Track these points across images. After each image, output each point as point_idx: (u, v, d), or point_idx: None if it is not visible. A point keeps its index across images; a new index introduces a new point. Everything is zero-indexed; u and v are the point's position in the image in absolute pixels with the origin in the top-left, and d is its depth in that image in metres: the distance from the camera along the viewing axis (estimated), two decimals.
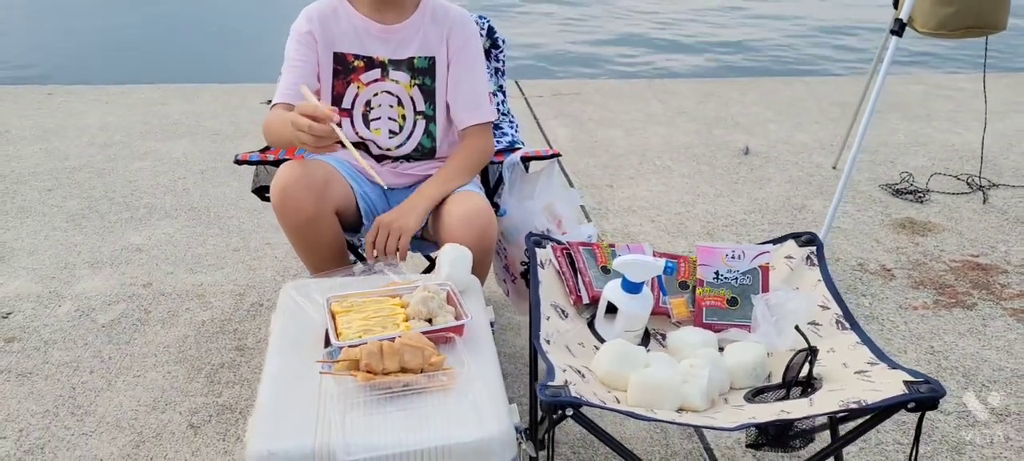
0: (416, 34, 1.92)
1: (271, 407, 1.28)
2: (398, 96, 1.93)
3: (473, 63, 1.97)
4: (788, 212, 3.09)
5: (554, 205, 2.03)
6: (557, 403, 1.25)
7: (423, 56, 1.93)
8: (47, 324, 2.33)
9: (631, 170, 3.47)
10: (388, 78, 1.92)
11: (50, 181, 3.27)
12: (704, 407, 1.42)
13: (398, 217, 1.80)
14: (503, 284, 2.17)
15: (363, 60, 1.91)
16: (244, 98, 4.33)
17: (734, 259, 1.68)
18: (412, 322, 1.44)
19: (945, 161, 3.59)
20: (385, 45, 1.91)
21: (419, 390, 1.30)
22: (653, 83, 4.87)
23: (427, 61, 1.93)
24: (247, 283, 2.55)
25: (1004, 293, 2.54)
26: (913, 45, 5.98)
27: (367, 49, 1.91)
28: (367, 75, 1.91)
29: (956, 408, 2.02)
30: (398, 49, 1.92)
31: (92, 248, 2.76)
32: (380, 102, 1.94)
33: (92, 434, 1.91)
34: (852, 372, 1.42)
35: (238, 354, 2.20)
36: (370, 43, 1.91)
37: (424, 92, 1.95)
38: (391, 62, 1.92)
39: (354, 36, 1.90)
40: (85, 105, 4.19)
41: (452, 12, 1.96)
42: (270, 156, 2.06)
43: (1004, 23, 2.66)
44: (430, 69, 1.94)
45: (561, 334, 1.57)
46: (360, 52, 1.91)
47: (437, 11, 1.95)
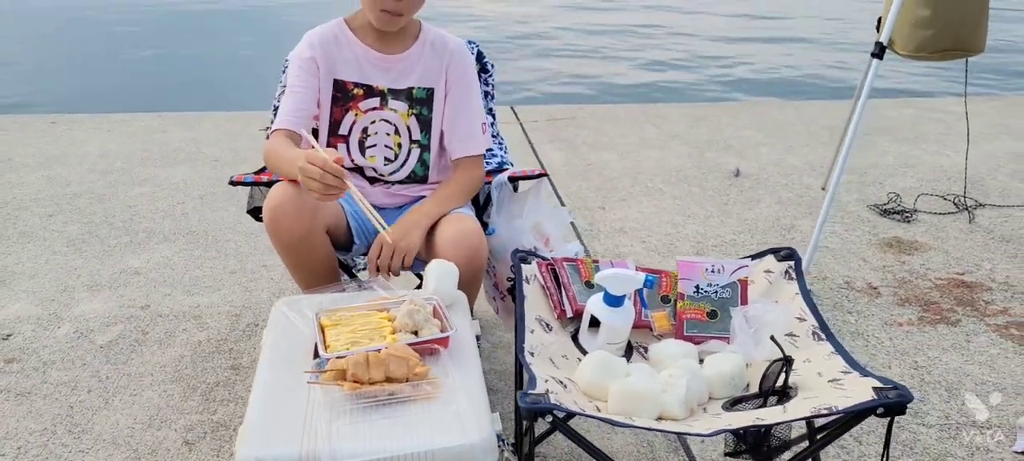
0: (416, 65, 1.98)
1: (260, 417, 1.32)
2: (395, 125, 1.99)
3: (469, 95, 2.03)
4: (777, 232, 3.14)
5: (542, 224, 2.08)
6: (537, 410, 1.29)
7: (422, 87, 1.99)
8: (46, 345, 2.37)
9: (623, 192, 3.53)
10: (387, 107, 1.98)
11: (52, 207, 3.33)
12: (683, 415, 1.46)
13: (402, 236, 1.85)
14: (493, 302, 2.21)
15: (363, 88, 1.96)
16: (244, 126, 4.40)
17: (714, 273, 1.72)
18: (398, 335, 1.49)
19: (933, 182, 3.64)
20: (385, 75, 1.97)
21: (404, 399, 1.34)
22: (647, 108, 4.94)
23: (426, 92, 1.99)
24: (243, 304, 2.60)
25: (988, 310, 2.58)
26: (913, 70, 6.05)
27: (367, 78, 1.96)
28: (366, 103, 1.97)
29: (938, 421, 2.05)
30: (398, 79, 1.98)
31: (91, 271, 2.81)
32: (377, 130, 1.99)
33: (89, 452, 1.94)
34: (826, 380, 1.46)
35: (233, 373, 2.24)
36: (371, 72, 1.96)
37: (421, 121, 2.00)
38: (390, 91, 1.97)
39: (355, 64, 1.96)
40: (87, 133, 4.26)
41: (451, 43, 2.02)
42: (264, 178, 2.11)
43: (982, 46, 2.73)
44: (428, 99, 2.00)
45: (545, 347, 1.61)
46: (360, 80, 1.96)
47: (436, 42, 2.01)
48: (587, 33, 8.64)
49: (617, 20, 9.35)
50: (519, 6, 10.14)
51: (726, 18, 9.44)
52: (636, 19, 9.32)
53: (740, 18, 9.41)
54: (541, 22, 9.16)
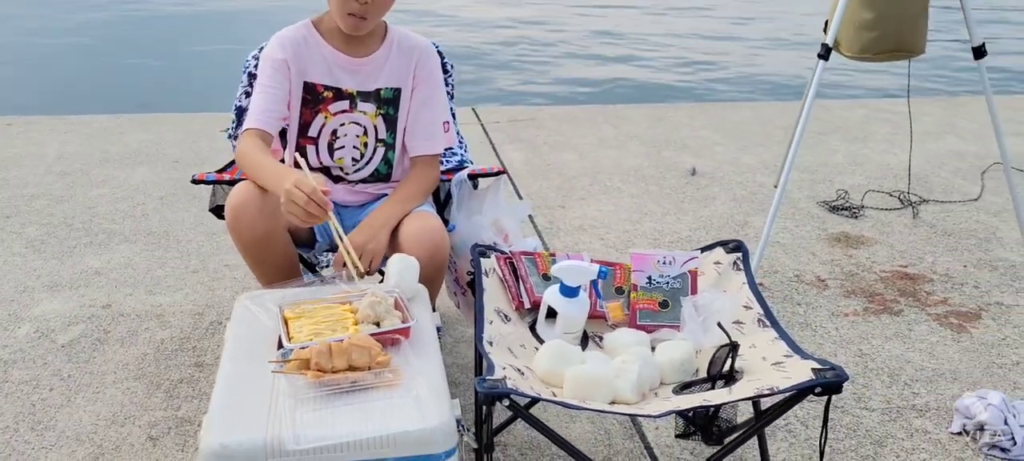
0: (384, 66, 2.02)
1: (224, 405, 1.36)
2: (364, 126, 2.03)
3: (434, 94, 2.08)
4: (731, 229, 3.23)
5: (501, 220, 2.14)
6: (494, 394, 1.35)
7: (390, 87, 2.03)
8: (6, 345, 2.37)
9: (582, 191, 3.60)
10: (356, 110, 2.01)
11: (9, 209, 3.30)
12: (635, 399, 1.53)
13: (369, 240, 1.88)
14: (454, 297, 2.26)
15: (332, 91, 2.00)
16: (204, 126, 4.39)
17: (665, 265, 1.79)
18: (361, 326, 1.53)
19: (880, 179, 3.77)
20: (354, 77, 2.01)
21: (366, 387, 1.39)
22: (606, 109, 5.02)
23: (393, 92, 2.03)
24: (206, 303, 2.62)
25: (929, 300, 2.69)
26: (869, 72, 6.23)
27: (337, 80, 2.00)
28: (335, 106, 2.00)
29: (880, 406, 2.15)
30: (366, 81, 2.01)
31: (51, 272, 2.80)
32: (347, 132, 2.03)
33: (52, 448, 1.95)
34: (770, 364, 1.53)
35: (197, 370, 2.26)
36: (339, 75, 2.00)
37: (387, 121, 2.05)
38: (359, 94, 2.01)
39: (324, 67, 1.99)
40: (43, 135, 4.22)
41: (417, 42, 2.07)
42: (226, 177, 2.14)
43: (922, 48, 2.84)
44: (395, 99, 2.04)
45: (503, 337, 1.67)
46: (330, 83, 1.99)
47: (403, 42, 2.05)
48: (549, 35, 8.72)
49: (580, 23, 9.46)
50: (483, 9, 10.21)
51: (687, 20, 9.60)
52: (598, 23, 9.44)
53: (701, 20, 9.58)
54: (504, 25, 9.23)
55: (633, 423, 2.06)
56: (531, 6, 10.45)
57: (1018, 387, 2.23)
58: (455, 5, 10.39)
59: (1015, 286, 2.79)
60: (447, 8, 10.13)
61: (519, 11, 10.11)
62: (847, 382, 2.18)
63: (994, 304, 2.67)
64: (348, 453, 1.28)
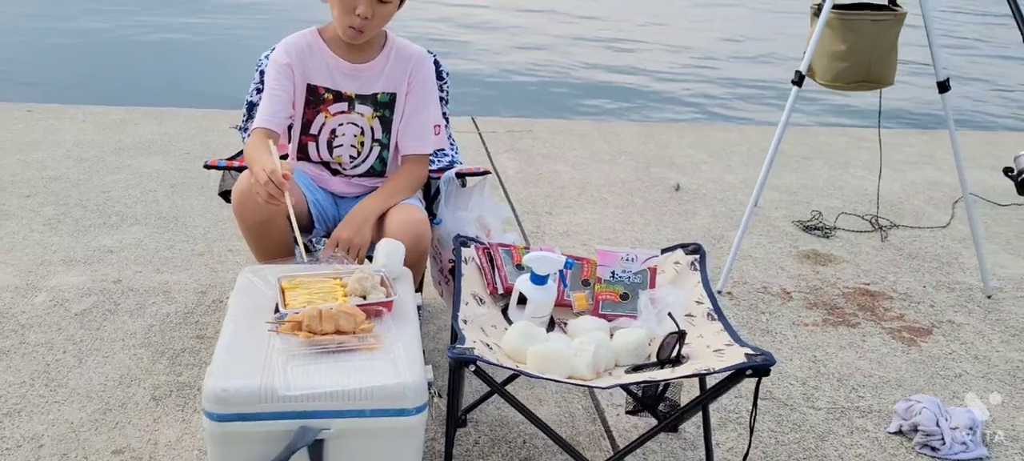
0: (381, 73, 2.21)
1: (226, 357, 1.54)
2: (361, 127, 2.22)
3: (427, 99, 2.27)
4: (707, 241, 3.42)
5: (485, 217, 2.33)
6: (462, 359, 1.54)
7: (386, 92, 2.22)
8: (24, 311, 2.56)
9: (570, 200, 3.79)
10: (354, 111, 2.21)
11: (28, 189, 3.50)
12: (590, 376, 1.71)
13: (354, 235, 2.07)
14: (438, 286, 2.45)
15: (333, 93, 2.19)
16: (214, 122, 4.59)
17: (628, 261, 1.98)
18: (349, 298, 1.72)
19: (856, 204, 3.95)
20: (354, 81, 2.20)
21: (351, 348, 1.57)
22: (601, 124, 5.22)
23: (389, 96, 2.23)
24: (209, 283, 2.81)
25: (886, 315, 2.87)
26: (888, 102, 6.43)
27: (337, 84, 2.19)
28: (335, 107, 2.20)
29: (826, 405, 2.33)
30: (365, 85, 2.21)
31: (67, 248, 2.99)
32: (345, 132, 2.22)
33: (64, 403, 2.14)
34: (712, 350, 1.72)
35: (198, 341, 2.45)
36: (340, 79, 2.19)
37: (383, 123, 2.24)
38: (358, 97, 2.21)
39: (326, 71, 2.19)
40: (62, 123, 4.42)
41: (413, 51, 2.26)
42: (236, 164, 2.33)
43: (891, 79, 3.03)
44: (391, 103, 2.23)
45: (477, 317, 1.85)
46: (331, 86, 2.19)
47: (401, 51, 2.25)
48: (552, 49, 8.94)
49: (584, 33, 9.68)
50: (489, 17, 10.44)
51: (688, 41, 9.82)
52: (603, 35, 9.66)
53: (703, 41, 9.80)
54: (507, 37, 9.46)
55: (596, 408, 2.24)
56: (537, 26, 10.69)
57: (956, 396, 2.41)
58: (465, 20, 10.63)
59: (968, 307, 2.97)
60: (457, 23, 10.37)
61: (520, 24, 10.34)
62: (798, 384, 2.37)
63: (946, 322, 2.85)
64: (331, 402, 1.47)
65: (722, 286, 2.97)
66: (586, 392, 2.31)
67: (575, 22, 10.85)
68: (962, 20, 12.55)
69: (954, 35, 11.33)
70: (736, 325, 2.74)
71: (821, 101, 6.61)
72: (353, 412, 1.48)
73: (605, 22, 10.83)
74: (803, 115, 6.29)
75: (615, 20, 10.91)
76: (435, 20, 10.14)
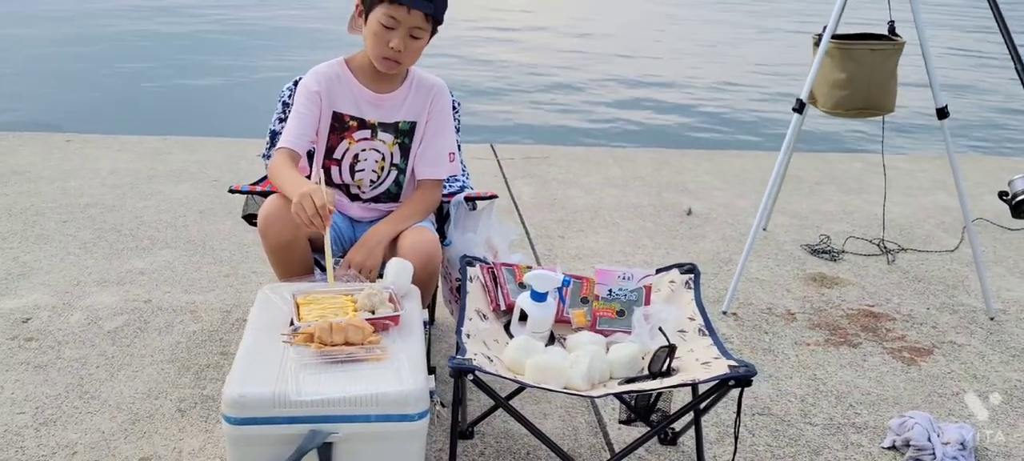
0: (403, 103, 2.35)
1: (244, 366, 1.67)
2: (382, 153, 2.36)
3: (444, 127, 2.40)
4: (716, 265, 3.50)
5: (492, 238, 2.45)
6: (462, 368, 1.65)
7: (407, 120, 2.36)
8: (60, 328, 2.72)
9: (583, 224, 3.90)
10: (376, 138, 2.35)
11: (66, 214, 3.69)
12: (585, 387, 1.81)
13: (367, 258, 2.19)
14: (448, 305, 2.57)
15: (357, 121, 2.33)
16: (243, 150, 4.77)
17: (625, 280, 2.09)
18: (359, 312, 1.84)
19: (865, 228, 4.01)
20: (377, 110, 2.34)
21: (359, 359, 1.69)
22: (616, 151, 5.34)
23: (409, 124, 2.36)
24: (234, 302, 2.95)
25: (888, 336, 2.94)
26: (900, 124, 6.49)
27: (362, 112, 2.33)
28: (359, 133, 2.33)
29: (823, 421, 2.40)
30: (387, 114, 2.35)
31: (101, 270, 3.16)
32: (367, 157, 2.36)
33: (96, 413, 2.28)
34: (700, 363, 1.82)
35: (222, 358, 2.59)
36: (365, 107, 2.33)
37: (402, 149, 2.37)
38: (380, 125, 2.34)
39: (352, 100, 2.33)
40: (99, 151, 4.63)
41: (433, 81, 2.39)
42: (259, 189, 2.48)
43: (891, 107, 3.12)
44: (411, 131, 2.37)
45: (480, 332, 1.97)
46: (356, 114, 2.33)
47: (421, 82, 2.38)
48: (570, 77, 9.10)
49: (603, 67, 9.83)
50: (509, 52, 10.64)
51: (706, 69, 9.93)
52: (620, 69, 9.80)
53: (720, 69, 9.90)
54: (527, 66, 9.63)
55: (598, 422, 2.33)
56: (557, 56, 10.86)
57: (952, 413, 2.47)
58: (484, 49, 10.84)
59: (970, 328, 3.02)
60: (472, 49, 10.58)
61: (539, 55, 10.52)
62: (796, 401, 2.45)
63: (947, 343, 2.91)
64: (339, 408, 1.59)
65: (727, 307, 3.05)
66: (589, 406, 2.40)
67: (597, 49, 11.02)
68: (981, 38, 12.52)
69: (973, 52, 11.32)
70: (739, 344, 2.83)
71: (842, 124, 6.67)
72: (359, 417, 1.59)
73: (632, 57, 10.98)
74: (809, 139, 6.35)
75: (640, 56, 11.06)
76: (458, 46, 10.36)
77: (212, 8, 13.06)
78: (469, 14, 13.18)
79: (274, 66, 9.13)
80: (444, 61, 9.44)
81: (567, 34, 12.36)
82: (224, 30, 11.43)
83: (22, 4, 12.88)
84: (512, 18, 13.74)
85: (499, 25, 12.82)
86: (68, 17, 11.82)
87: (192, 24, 11.72)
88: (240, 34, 11.21)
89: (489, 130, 6.71)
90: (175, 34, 10.94)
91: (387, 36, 2.16)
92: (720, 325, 2.94)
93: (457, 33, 11.27)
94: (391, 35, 2.16)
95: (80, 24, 11.29)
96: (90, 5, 12.91)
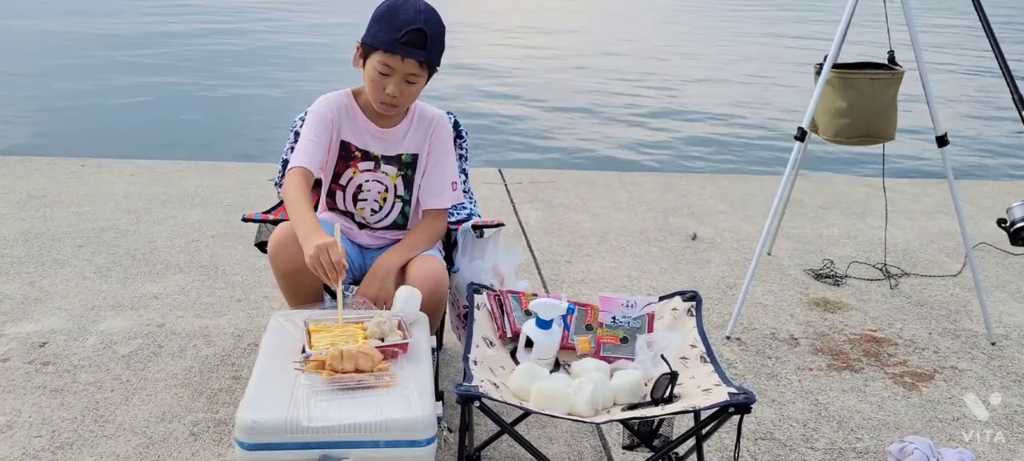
0: (405, 136, 2.41)
1: (257, 392, 1.72)
2: (385, 185, 2.42)
3: (445, 157, 2.46)
4: (721, 290, 3.55)
5: (499, 265, 2.50)
6: (468, 395, 1.70)
7: (409, 153, 2.42)
8: (76, 353, 2.78)
9: (589, 249, 3.95)
10: (379, 170, 2.41)
11: (81, 239, 3.76)
12: (589, 413, 1.86)
13: (379, 290, 2.23)
14: (456, 330, 2.62)
15: (362, 152, 2.40)
16: (254, 175, 4.85)
17: (628, 307, 2.13)
18: (369, 340, 1.90)
19: (868, 253, 4.05)
20: (381, 143, 2.41)
21: (368, 386, 1.74)
22: (623, 175, 5.39)
23: (412, 157, 2.42)
24: (246, 327, 3.01)
25: (889, 361, 2.97)
26: (916, 152, 6.51)
27: (367, 145, 2.40)
28: (363, 164, 2.40)
29: (824, 447, 2.43)
30: (390, 147, 2.41)
31: (115, 294, 3.23)
32: (370, 188, 2.42)
33: (111, 437, 2.34)
34: (701, 390, 1.86)
35: (234, 382, 2.64)
36: (369, 140, 2.40)
37: (405, 181, 2.44)
38: (383, 158, 2.41)
39: (358, 133, 2.39)
40: (113, 176, 4.72)
41: (434, 114, 2.45)
42: (271, 217, 2.54)
43: (892, 135, 3.18)
44: (413, 163, 2.43)
45: (487, 358, 2.02)
46: (361, 146, 2.39)
47: (422, 114, 2.44)
48: (577, 102, 9.18)
49: (612, 89, 9.92)
50: (517, 75, 10.74)
51: (712, 94, 10.00)
52: (628, 92, 9.88)
53: (727, 91, 9.98)
54: (535, 93, 9.72)
55: (603, 447, 2.37)
56: (567, 78, 10.96)
57: (952, 438, 2.50)
58: (493, 74, 10.93)
59: (972, 354, 3.05)
60: (486, 77, 10.68)
61: (547, 80, 10.61)
62: (799, 426, 2.49)
63: (949, 368, 2.94)
64: (349, 434, 1.64)
65: (731, 331, 3.09)
66: (594, 431, 2.44)
67: (605, 73, 11.11)
68: (984, 61, 12.56)
69: (978, 72, 11.36)
70: (743, 369, 2.87)
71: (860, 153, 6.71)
72: (369, 443, 1.64)
73: (640, 81, 11.07)
74: (815, 164, 6.40)
75: (648, 81, 11.16)
76: (467, 70, 10.47)
77: (227, 32, 13.24)
78: (478, 38, 13.31)
79: (286, 90, 9.26)
80: (453, 85, 9.54)
81: (575, 58, 12.46)
82: (238, 51, 11.59)
83: (34, 33, 13.09)
84: (520, 42, 13.87)
85: (507, 49, 12.94)
86: (80, 40, 12.00)
87: (204, 45, 11.89)
88: (252, 59, 11.36)
89: (497, 154, 6.79)
90: (187, 55, 11.10)
91: (383, 83, 2.22)
92: (724, 350, 2.98)
93: (466, 58, 11.39)
94: (387, 82, 2.22)
95: (90, 49, 11.45)
96: (103, 29, 13.11)
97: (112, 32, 13.02)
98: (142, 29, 13.47)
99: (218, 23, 14.58)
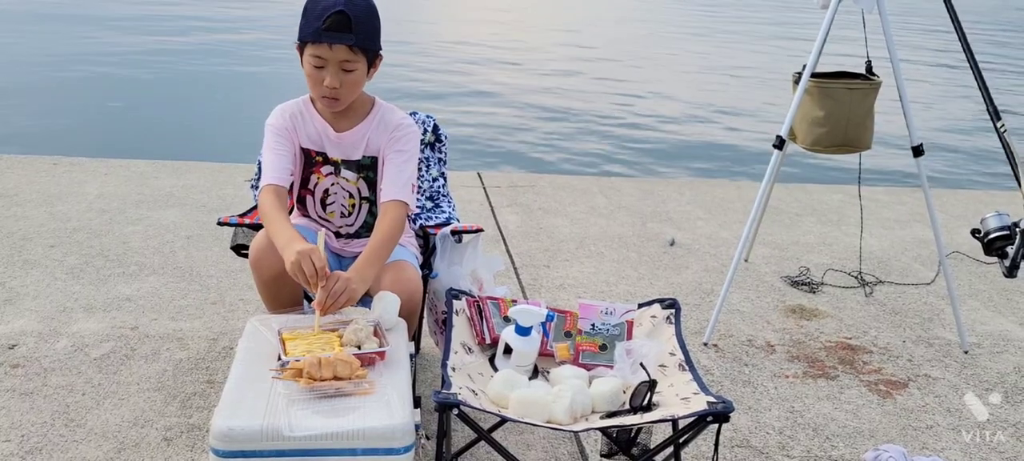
0: (363, 139, 2.33)
1: (232, 399, 1.70)
2: (348, 190, 2.39)
3: (406, 156, 2.33)
4: (698, 296, 3.56)
5: (477, 270, 2.49)
6: (447, 403, 1.69)
7: (368, 155, 2.37)
8: (47, 355, 2.73)
9: (567, 254, 3.95)
10: (340, 175, 2.37)
11: (53, 239, 3.70)
12: (567, 421, 1.85)
13: (343, 291, 2.11)
14: (434, 336, 2.60)
15: (321, 156, 2.36)
16: (230, 175, 4.80)
17: (607, 315, 2.13)
18: (346, 347, 1.88)
19: (844, 260, 4.09)
20: (338, 148, 2.35)
21: (346, 393, 1.73)
22: (601, 180, 5.40)
23: (371, 159, 2.37)
24: (221, 330, 2.97)
25: (864, 368, 3.00)
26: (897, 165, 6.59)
27: (325, 149, 2.35)
28: (325, 169, 2.37)
29: (800, 454, 2.45)
30: (348, 151, 2.34)
31: (88, 296, 3.17)
32: (336, 192, 2.39)
33: (82, 442, 2.30)
34: (680, 398, 1.86)
35: (209, 386, 2.61)
36: (326, 145, 2.34)
37: (368, 183, 2.39)
38: (343, 162, 2.36)
39: (316, 137, 2.35)
40: (86, 175, 4.65)
41: (398, 120, 2.35)
42: (247, 221, 2.51)
43: (868, 144, 3.21)
44: (373, 165, 2.38)
45: (465, 365, 2.01)
46: (320, 150, 2.36)
47: (385, 117, 2.35)
48: (557, 105, 9.19)
49: (589, 94, 9.94)
50: (497, 79, 10.74)
51: (693, 100, 10.06)
52: (608, 96, 9.92)
53: (709, 98, 10.04)
54: (515, 96, 9.72)
55: (581, 453, 2.37)
56: (541, 79, 10.97)
57: (926, 446, 2.53)
58: (472, 77, 10.93)
59: (945, 362, 3.09)
60: (465, 79, 10.67)
61: (529, 85, 10.62)
62: (775, 433, 2.50)
63: (922, 376, 2.97)
64: (327, 442, 1.62)
65: (708, 338, 3.10)
66: (572, 438, 2.44)
67: (584, 76, 11.14)
68: (960, 72, 12.74)
69: (952, 84, 11.52)
70: (719, 376, 2.88)
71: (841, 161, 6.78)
72: (346, 451, 1.63)
73: (619, 84, 11.11)
74: (793, 170, 6.45)
75: (627, 84, 11.21)
76: (446, 74, 10.45)
77: (203, 29, 13.10)
78: (458, 41, 13.29)
79: (258, 93, 9.18)
80: (433, 88, 9.52)
81: (555, 61, 12.48)
82: (210, 51, 11.48)
83: (7, 29, 12.89)
84: (500, 46, 13.86)
85: (487, 53, 12.92)
86: (56, 37, 11.83)
87: (179, 45, 11.76)
88: (226, 56, 11.25)
89: (476, 158, 6.77)
90: (163, 52, 10.98)
91: (319, 75, 2.17)
92: (701, 357, 2.99)
93: (445, 61, 11.36)
94: (323, 74, 2.16)
95: (66, 46, 11.29)
96: (78, 28, 12.93)
97: (85, 29, 12.84)
98: (119, 26, 13.30)
99: (197, 22, 14.43)
